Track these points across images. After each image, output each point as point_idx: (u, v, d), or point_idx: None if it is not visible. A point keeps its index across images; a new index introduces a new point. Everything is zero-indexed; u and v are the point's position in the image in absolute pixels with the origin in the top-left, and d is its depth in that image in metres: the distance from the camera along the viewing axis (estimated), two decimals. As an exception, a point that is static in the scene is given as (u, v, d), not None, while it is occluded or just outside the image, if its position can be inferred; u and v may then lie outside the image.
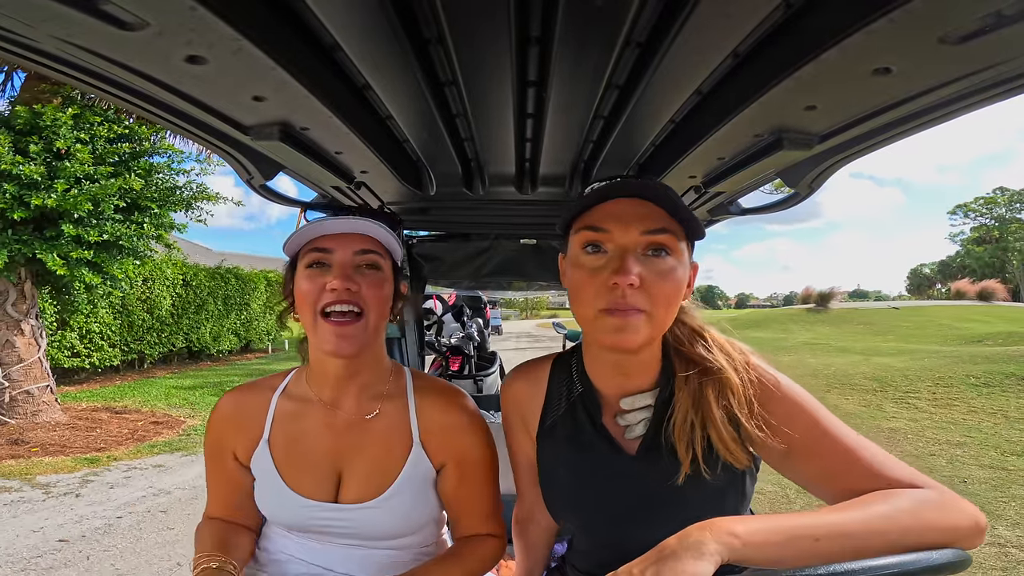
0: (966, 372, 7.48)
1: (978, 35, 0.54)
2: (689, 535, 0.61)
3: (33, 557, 3.20)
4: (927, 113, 0.76)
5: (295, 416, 1.04)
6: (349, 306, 0.93)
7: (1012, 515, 3.68)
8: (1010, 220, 49.34)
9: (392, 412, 1.05)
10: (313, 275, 0.94)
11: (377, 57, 0.75)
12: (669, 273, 0.78)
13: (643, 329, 0.77)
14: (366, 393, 1.04)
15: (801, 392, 0.83)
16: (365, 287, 0.94)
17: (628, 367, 0.88)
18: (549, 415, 0.99)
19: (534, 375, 1.03)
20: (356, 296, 0.93)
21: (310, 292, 0.93)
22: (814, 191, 1.18)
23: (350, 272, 0.94)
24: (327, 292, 0.92)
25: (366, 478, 1.01)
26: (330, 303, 0.92)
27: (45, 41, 0.59)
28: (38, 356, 6.28)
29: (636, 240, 0.78)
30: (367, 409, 1.04)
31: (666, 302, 0.78)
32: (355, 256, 0.95)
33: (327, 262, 0.95)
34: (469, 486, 1.07)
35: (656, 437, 0.87)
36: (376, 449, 1.02)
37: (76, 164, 5.65)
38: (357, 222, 0.95)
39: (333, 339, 0.92)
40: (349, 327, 0.93)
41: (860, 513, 0.65)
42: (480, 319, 5.83)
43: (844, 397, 7.38)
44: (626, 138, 1.06)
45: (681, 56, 0.72)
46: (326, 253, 0.95)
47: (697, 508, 0.84)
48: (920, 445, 5.37)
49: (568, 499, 0.96)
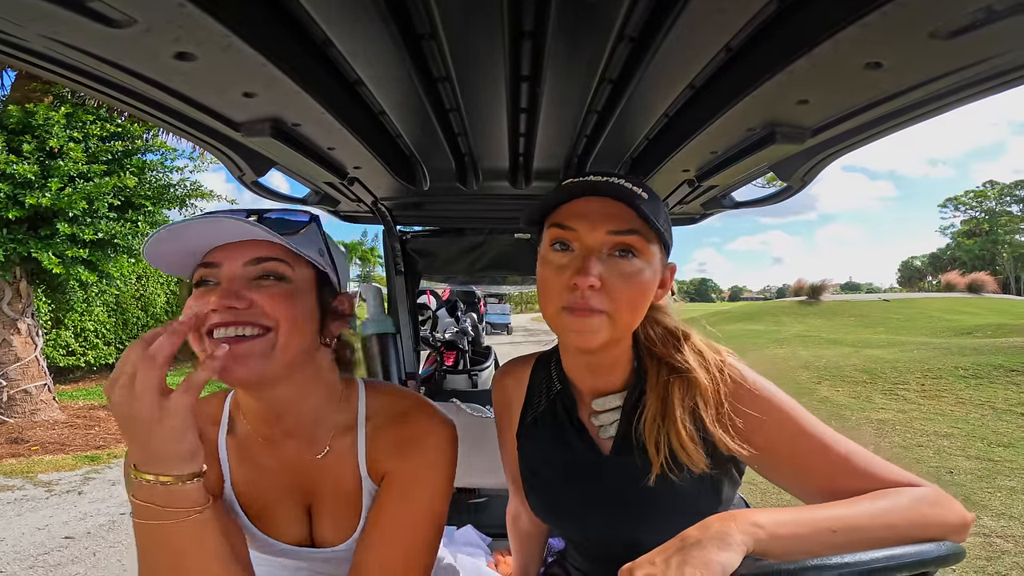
0: (955, 364, 7.55)
1: (969, 30, 0.55)
2: (711, 526, 0.60)
3: (40, 554, 3.20)
4: (918, 107, 0.76)
5: (247, 455, 0.90)
6: (241, 328, 0.75)
7: (997, 506, 3.73)
8: (1000, 213, 49.75)
9: (341, 447, 0.89)
10: (199, 295, 0.77)
11: (369, 52, 0.75)
12: (634, 275, 0.77)
13: (603, 330, 0.77)
14: (310, 428, 0.88)
15: (777, 392, 0.82)
16: (265, 300, 0.77)
17: (597, 366, 0.88)
18: (529, 412, 0.99)
19: (518, 373, 1.03)
20: (249, 314, 0.76)
21: (197, 314, 0.75)
22: (807, 184, 1.19)
23: (239, 287, 0.77)
24: (211, 314, 0.75)
25: (334, 520, 0.90)
26: (216, 325, 0.75)
27: (33, 40, 0.59)
28: (35, 355, 6.25)
29: (602, 240, 0.77)
30: (316, 444, 0.88)
31: (630, 305, 0.78)
32: (247, 268, 0.78)
33: (215, 278, 0.78)
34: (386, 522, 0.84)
35: (627, 437, 0.86)
36: (332, 489, 0.89)
37: (69, 163, 5.64)
38: (225, 223, 0.74)
39: (230, 365, 0.73)
40: (244, 344, 0.75)
41: (869, 507, 0.66)
42: (474, 314, 5.83)
43: (835, 389, 7.44)
44: (619, 132, 1.06)
45: (674, 51, 0.72)
46: (212, 268, 0.78)
47: (669, 509, 0.84)
48: (908, 436, 5.43)
49: (547, 496, 0.96)
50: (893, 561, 0.58)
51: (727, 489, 0.87)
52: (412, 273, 2.24)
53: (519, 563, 1.21)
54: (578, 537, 0.99)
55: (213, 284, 0.78)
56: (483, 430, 2.00)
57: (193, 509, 0.69)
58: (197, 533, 0.70)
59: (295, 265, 0.82)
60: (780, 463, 0.79)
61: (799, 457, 0.77)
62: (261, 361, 0.76)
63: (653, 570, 0.57)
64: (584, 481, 0.91)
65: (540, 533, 1.19)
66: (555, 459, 0.94)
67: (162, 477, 0.67)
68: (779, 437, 0.78)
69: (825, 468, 0.75)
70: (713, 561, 0.56)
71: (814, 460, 0.76)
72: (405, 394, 0.97)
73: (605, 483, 0.89)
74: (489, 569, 1.33)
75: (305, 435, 0.88)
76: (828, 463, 0.75)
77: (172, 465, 0.68)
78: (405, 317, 2.17)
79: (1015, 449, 4.82)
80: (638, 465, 0.84)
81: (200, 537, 0.71)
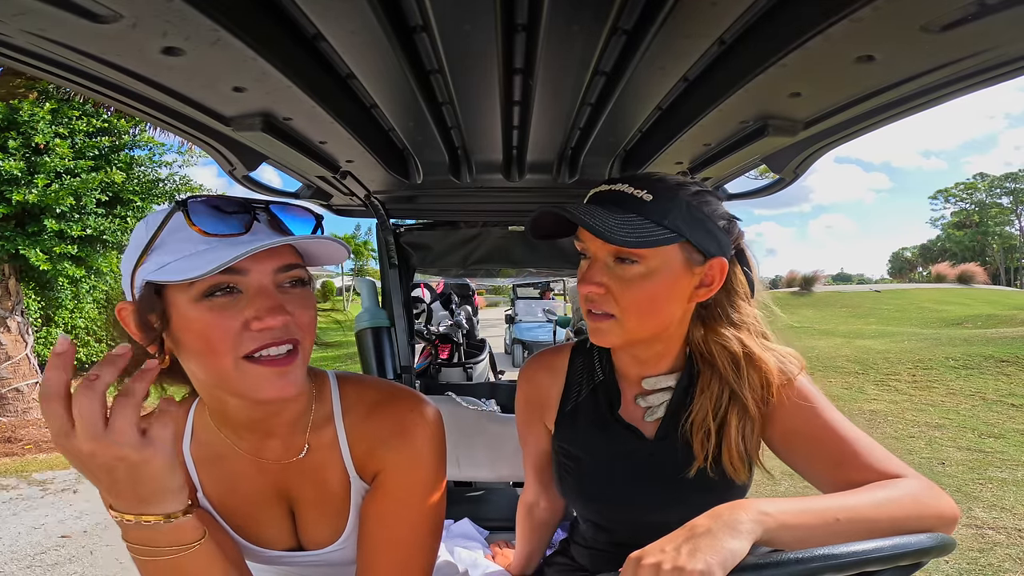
0: (945, 354, 7.63)
1: (960, 23, 0.55)
2: (720, 514, 0.61)
3: (37, 553, 3.19)
4: (910, 100, 0.77)
5: (218, 463, 0.83)
6: (286, 346, 0.69)
7: (988, 497, 3.76)
8: (990, 205, 50.17)
9: (321, 445, 0.83)
10: (220, 307, 0.67)
11: (361, 46, 0.74)
12: (634, 281, 0.80)
13: (612, 332, 0.83)
14: (290, 429, 0.82)
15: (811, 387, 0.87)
16: (299, 312, 0.71)
17: (643, 360, 0.93)
18: (569, 402, 1.01)
19: (554, 364, 1.05)
20: (290, 330, 0.70)
21: (226, 333, 0.66)
22: (799, 177, 1.19)
23: (278, 300, 0.69)
24: (252, 332, 0.67)
25: (319, 522, 0.86)
26: (263, 346, 0.68)
27: (16, 36, 0.58)
28: (26, 353, 6.21)
29: (606, 250, 0.81)
30: (295, 448, 0.83)
31: (636, 308, 0.81)
32: (276, 275, 0.70)
33: (238, 287, 0.68)
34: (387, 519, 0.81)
35: (674, 424, 0.91)
36: (316, 490, 0.84)
37: (56, 159, 5.60)
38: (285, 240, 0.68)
39: (274, 382, 0.68)
40: (289, 365, 0.70)
41: (870, 497, 0.68)
42: (468, 306, 5.83)
43: (827, 379, 7.50)
44: (613, 125, 1.06)
45: (667, 43, 0.72)
46: (236, 275, 0.67)
47: (705, 493, 0.88)
48: (900, 427, 5.49)
49: (586, 482, 0.98)
50: (898, 550, 0.59)
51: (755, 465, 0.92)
52: (406, 266, 2.24)
53: (524, 552, 1.22)
54: (608, 522, 1.01)
55: (236, 293, 0.68)
56: (479, 423, 2.00)
57: (196, 541, 0.66)
58: (204, 562, 0.68)
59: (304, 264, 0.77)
60: (798, 445, 0.85)
61: (816, 442, 0.82)
62: (299, 375, 0.72)
63: (663, 557, 0.57)
64: (625, 467, 0.94)
65: (553, 523, 1.21)
66: (596, 446, 0.96)
67: (152, 518, 0.62)
68: (800, 421, 0.84)
69: (836, 456, 0.79)
70: (724, 548, 0.57)
71: (829, 447, 0.81)
72: (379, 383, 0.91)
73: (646, 467, 0.92)
74: (487, 560, 1.34)
75: (283, 436, 0.82)
76: (840, 451, 0.79)
77: (165, 504, 0.63)
78: (399, 310, 2.16)
79: (1006, 440, 4.87)
80: (679, 453, 0.89)
81: (207, 565, 0.68)
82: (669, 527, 0.63)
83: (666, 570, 0.56)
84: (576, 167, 1.26)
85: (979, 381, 6.62)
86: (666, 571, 0.56)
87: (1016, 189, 48.50)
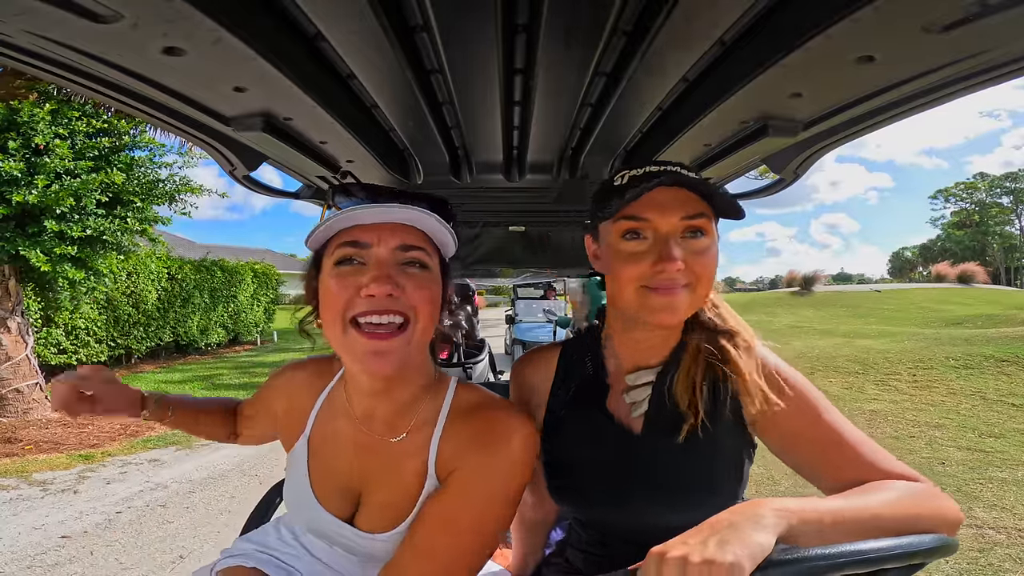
0: (946, 354, 7.62)
1: (961, 24, 0.55)
2: (743, 510, 0.61)
3: (38, 554, 3.18)
4: (910, 100, 0.77)
5: (330, 421, 0.93)
6: (390, 317, 0.76)
7: (989, 497, 3.75)
8: (990, 205, 50.18)
9: (417, 437, 0.86)
10: (344, 275, 0.77)
11: (361, 46, 0.74)
12: (706, 251, 0.82)
13: (684, 304, 0.82)
14: (399, 410, 0.87)
15: (803, 380, 0.87)
16: (411, 289, 0.77)
17: (653, 341, 0.93)
18: (557, 400, 1.01)
19: (544, 361, 1.05)
20: (399, 303, 0.76)
21: (339, 295, 0.76)
22: (799, 177, 1.20)
23: (392, 272, 0.76)
24: (361, 298, 0.75)
25: (380, 508, 0.87)
26: (365, 312, 0.75)
27: (18, 36, 0.58)
28: (26, 353, 6.19)
29: (676, 225, 0.81)
30: (396, 429, 0.87)
31: (708, 277, 0.84)
32: (396, 252, 0.78)
33: (362, 259, 0.77)
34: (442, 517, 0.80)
35: (660, 404, 0.91)
36: (393, 477, 0.86)
37: (56, 159, 5.57)
38: (400, 210, 0.77)
39: (368, 356, 0.75)
40: (389, 341, 0.75)
41: (885, 497, 0.69)
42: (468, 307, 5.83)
43: (827, 379, 7.49)
44: (613, 125, 1.06)
45: (668, 44, 0.72)
46: (360, 248, 0.77)
47: (696, 486, 0.88)
48: (900, 427, 5.48)
49: (576, 480, 0.97)
50: (914, 548, 0.60)
51: (746, 467, 0.92)
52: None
53: (520, 552, 1.22)
54: (600, 520, 1.01)
55: (358, 264, 0.77)
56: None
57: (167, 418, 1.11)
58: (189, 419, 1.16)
59: (432, 254, 0.82)
60: (799, 447, 0.84)
61: (817, 443, 0.82)
62: (400, 356, 0.77)
63: (687, 550, 0.56)
64: (614, 463, 0.93)
65: (545, 524, 1.21)
66: (585, 443, 0.96)
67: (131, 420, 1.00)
68: (802, 423, 0.83)
69: (847, 459, 0.79)
70: (752, 542, 0.56)
71: (831, 448, 0.81)
72: (492, 394, 0.92)
73: (635, 462, 0.92)
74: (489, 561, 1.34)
75: (390, 418, 0.87)
76: (850, 455, 0.79)
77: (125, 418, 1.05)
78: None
79: (1006, 440, 4.87)
80: (669, 438, 0.88)
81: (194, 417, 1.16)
82: (657, 530, 0.62)
83: (695, 563, 0.54)
84: (576, 167, 1.26)
85: (979, 381, 6.62)
86: (695, 564, 0.54)
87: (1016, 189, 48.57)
